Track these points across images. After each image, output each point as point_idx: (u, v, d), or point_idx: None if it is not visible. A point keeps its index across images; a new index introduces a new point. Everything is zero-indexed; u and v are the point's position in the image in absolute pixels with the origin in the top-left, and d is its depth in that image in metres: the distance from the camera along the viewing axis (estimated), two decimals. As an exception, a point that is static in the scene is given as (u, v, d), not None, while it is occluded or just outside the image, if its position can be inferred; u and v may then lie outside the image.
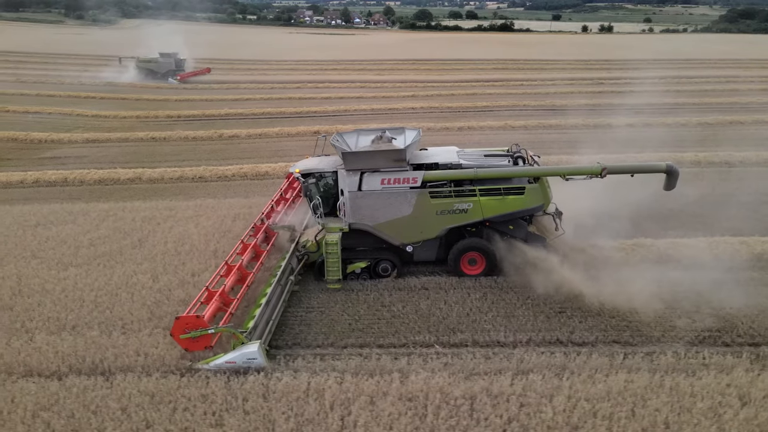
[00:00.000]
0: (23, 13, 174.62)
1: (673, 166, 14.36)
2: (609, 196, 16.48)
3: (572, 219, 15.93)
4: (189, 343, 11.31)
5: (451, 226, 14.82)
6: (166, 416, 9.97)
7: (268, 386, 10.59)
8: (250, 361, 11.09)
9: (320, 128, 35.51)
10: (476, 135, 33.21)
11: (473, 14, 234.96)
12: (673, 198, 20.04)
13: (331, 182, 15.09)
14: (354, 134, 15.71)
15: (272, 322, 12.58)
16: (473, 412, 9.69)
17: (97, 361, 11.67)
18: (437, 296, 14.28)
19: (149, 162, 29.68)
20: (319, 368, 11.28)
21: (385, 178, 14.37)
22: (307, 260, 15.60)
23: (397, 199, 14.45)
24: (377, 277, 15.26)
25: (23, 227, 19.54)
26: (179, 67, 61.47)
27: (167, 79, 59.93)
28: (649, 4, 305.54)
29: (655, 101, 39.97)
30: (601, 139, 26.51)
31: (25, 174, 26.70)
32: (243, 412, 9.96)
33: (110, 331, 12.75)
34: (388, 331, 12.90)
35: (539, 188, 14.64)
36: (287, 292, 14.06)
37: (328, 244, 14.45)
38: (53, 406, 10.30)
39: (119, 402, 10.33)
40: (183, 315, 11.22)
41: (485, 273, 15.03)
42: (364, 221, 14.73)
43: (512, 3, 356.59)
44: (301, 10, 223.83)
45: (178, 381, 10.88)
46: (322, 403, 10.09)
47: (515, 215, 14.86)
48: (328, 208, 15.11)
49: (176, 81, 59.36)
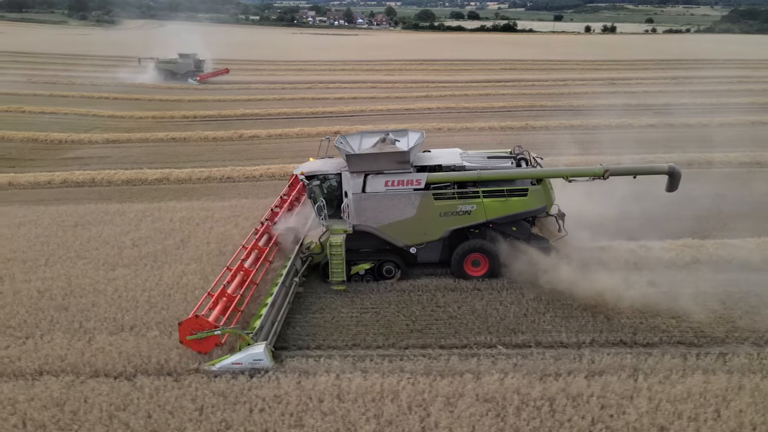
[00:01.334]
0: (26, 13, 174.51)
1: (675, 167, 14.47)
2: (653, 196, 16.49)
3: (616, 220, 15.91)
4: (195, 344, 11.37)
5: (455, 228, 14.84)
6: (243, 417, 9.95)
7: (341, 387, 10.56)
8: (256, 362, 11.14)
9: (340, 128, 35.59)
10: (498, 135, 33.19)
11: (475, 15, 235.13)
12: (716, 198, 20.31)
13: (335, 184, 15.15)
14: (357, 136, 15.73)
15: (277, 324, 12.63)
16: (554, 413, 9.68)
17: (162, 362, 11.63)
18: (491, 297, 14.25)
19: (173, 162, 29.64)
20: (388, 369, 11.25)
21: (388, 180, 14.39)
22: (311, 262, 15.62)
23: (401, 201, 14.46)
24: (381, 278, 15.29)
25: (62, 227, 19.51)
26: (198, 67, 61.36)
27: (187, 79, 59.77)
28: (650, 5, 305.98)
29: (674, 101, 40.13)
30: (631, 140, 26.59)
31: (52, 174, 26.65)
32: (321, 413, 9.94)
33: (170, 331, 12.69)
34: (448, 331, 12.88)
35: (542, 190, 14.70)
36: (292, 294, 14.10)
37: (333, 245, 14.50)
38: (128, 407, 10.28)
39: (194, 402, 10.31)
40: (188, 317, 11.29)
41: (488, 275, 15.06)
42: (368, 223, 14.73)
43: (513, 3, 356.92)
44: (304, 10, 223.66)
45: (248, 382, 10.86)
46: (399, 404, 10.07)
47: (518, 217, 14.89)
48: (332, 210, 15.14)
49: (196, 82, 59.20)
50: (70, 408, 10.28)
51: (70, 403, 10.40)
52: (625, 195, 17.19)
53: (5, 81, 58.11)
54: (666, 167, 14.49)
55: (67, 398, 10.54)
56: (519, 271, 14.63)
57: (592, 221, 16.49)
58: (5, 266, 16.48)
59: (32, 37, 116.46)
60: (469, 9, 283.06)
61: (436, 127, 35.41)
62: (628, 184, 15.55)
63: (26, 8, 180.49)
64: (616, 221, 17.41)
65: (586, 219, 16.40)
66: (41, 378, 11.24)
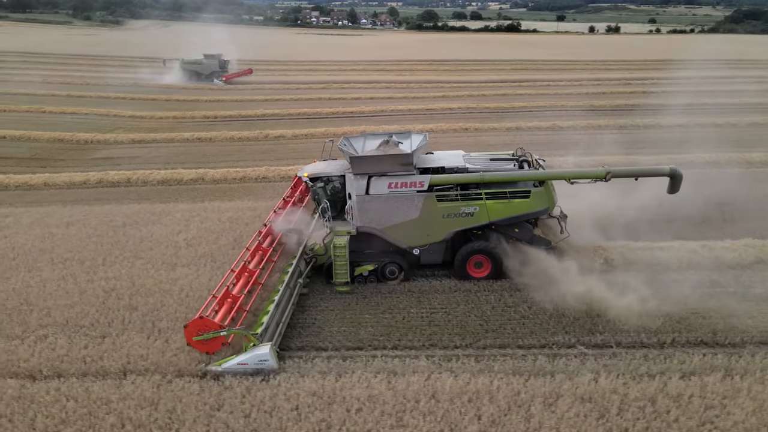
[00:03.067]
0: (30, 14, 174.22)
1: (677, 169, 14.59)
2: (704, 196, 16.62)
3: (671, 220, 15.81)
4: (202, 345, 11.41)
5: (458, 230, 14.88)
6: (342, 416, 9.95)
7: (435, 387, 10.56)
8: (261, 362, 11.16)
9: (365, 128, 35.62)
10: (526, 135, 33.13)
11: (478, 15, 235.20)
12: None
13: (338, 186, 15.23)
14: (361, 138, 15.82)
15: (282, 324, 12.67)
16: (659, 414, 9.67)
17: (246, 362, 11.60)
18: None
19: (204, 162, 29.63)
20: (476, 369, 11.25)
21: (392, 182, 14.46)
22: (315, 263, 15.62)
23: (405, 203, 14.52)
24: (385, 279, 15.31)
25: (111, 227, 19.50)
26: (223, 68, 61.25)
27: (212, 80, 59.69)
28: (651, 5, 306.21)
29: (696, 101, 40.13)
30: (662, 139, 26.53)
31: (86, 174, 26.62)
32: (420, 413, 9.93)
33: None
34: (523, 331, 12.87)
35: (545, 191, 14.77)
36: (296, 295, 14.12)
37: (336, 247, 14.52)
38: (223, 407, 10.26)
39: (289, 402, 10.30)
40: (195, 318, 11.33)
41: (491, 276, 15.10)
42: (371, 224, 14.79)
43: (514, 4, 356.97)
44: (307, 11, 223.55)
45: (337, 381, 10.86)
46: (498, 404, 10.07)
47: (521, 218, 14.95)
48: (335, 211, 15.20)
49: (222, 82, 59.12)
50: (165, 407, 10.28)
51: (164, 403, 10.40)
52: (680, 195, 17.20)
53: (21, 81, 58.07)
54: (667, 169, 14.64)
55: (159, 397, 10.54)
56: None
57: (650, 219, 16.53)
58: (64, 266, 16.47)
59: (39, 37, 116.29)
60: (470, 9, 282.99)
61: (463, 127, 35.42)
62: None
63: (30, 8, 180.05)
64: (671, 221, 17.45)
65: (643, 218, 16.45)
66: (127, 377, 11.22)
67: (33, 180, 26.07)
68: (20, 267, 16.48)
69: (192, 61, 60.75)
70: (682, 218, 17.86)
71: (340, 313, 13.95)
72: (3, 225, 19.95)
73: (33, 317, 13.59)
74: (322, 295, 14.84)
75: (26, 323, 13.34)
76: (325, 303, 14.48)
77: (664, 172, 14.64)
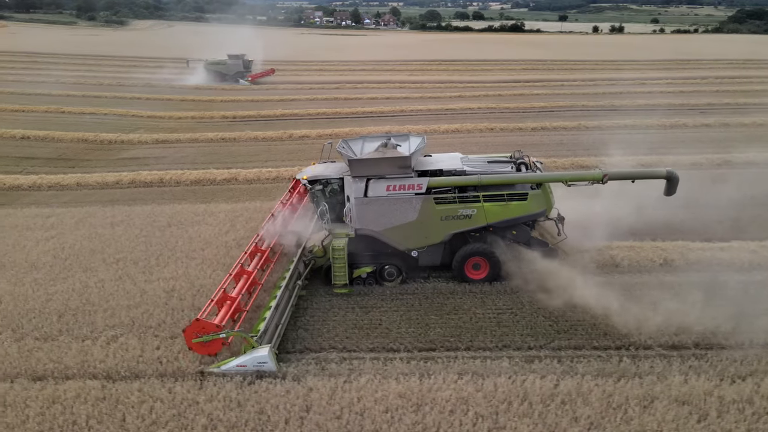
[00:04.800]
0: (35, 14, 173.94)
1: (673, 172, 14.55)
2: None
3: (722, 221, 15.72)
4: (201, 347, 11.34)
5: (456, 232, 14.83)
6: (437, 418, 9.90)
7: (525, 389, 10.49)
8: (260, 364, 11.13)
9: (390, 128, 35.52)
10: (553, 135, 33.14)
11: (480, 15, 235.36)
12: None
13: (337, 188, 15.17)
14: (359, 141, 15.83)
15: (281, 327, 12.59)
16: (759, 416, 9.57)
17: (322, 362, 11.55)
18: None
19: (233, 162, 29.52)
20: (560, 370, 11.17)
21: (390, 185, 14.44)
22: (314, 265, 15.58)
23: (403, 205, 14.50)
24: (383, 281, 15.26)
25: (157, 228, 19.42)
26: (247, 68, 61.21)
27: (237, 80, 59.69)
28: (653, 5, 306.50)
29: (716, 101, 40.11)
30: (691, 139, 26.49)
31: (119, 174, 26.54)
32: (516, 415, 9.83)
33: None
34: (596, 333, 12.76)
35: (542, 194, 14.77)
36: (295, 297, 14.06)
37: (335, 249, 14.50)
38: (312, 408, 10.19)
39: (379, 404, 10.20)
40: (194, 320, 11.25)
41: (489, 278, 15.07)
42: (370, 227, 14.76)
43: (516, 4, 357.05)
44: (310, 11, 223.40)
45: (422, 383, 10.77)
46: (592, 406, 9.97)
47: (518, 221, 14.95)
48: (334, 214, 15.16)
49: (247, 82, 59.23)
50: (254, 408, 10.18)
51: (251, 404, 10.29)
52: (732, 196, 17.29)
53: (34, 82, 58.06)
54: (664, 172, 14.61)
55: (245, 399, 10.44)
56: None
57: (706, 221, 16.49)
58: (118, 266, 16.37)
59: (45, 37, 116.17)
60: (471, 9, 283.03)
61: (488, 127, 35.32)
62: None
63: (33, 8, 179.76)
64: (723, 221, 17.42)
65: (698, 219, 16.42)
66: (206, 378, 11.11)
67: (65, 180, 25.97)
68: (74, 267, 16.38)
69: (216, 62, 60.74)
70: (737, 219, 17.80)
71: (405, 314, 13.83)
72: (48, 225, 19.84)
73: (98, 318, 13.50)
74: (383, 296, 14.73)
75: (93, 324, 13.26)
76: (387, 304, 14.39)
77: (661, 175, 14.63)
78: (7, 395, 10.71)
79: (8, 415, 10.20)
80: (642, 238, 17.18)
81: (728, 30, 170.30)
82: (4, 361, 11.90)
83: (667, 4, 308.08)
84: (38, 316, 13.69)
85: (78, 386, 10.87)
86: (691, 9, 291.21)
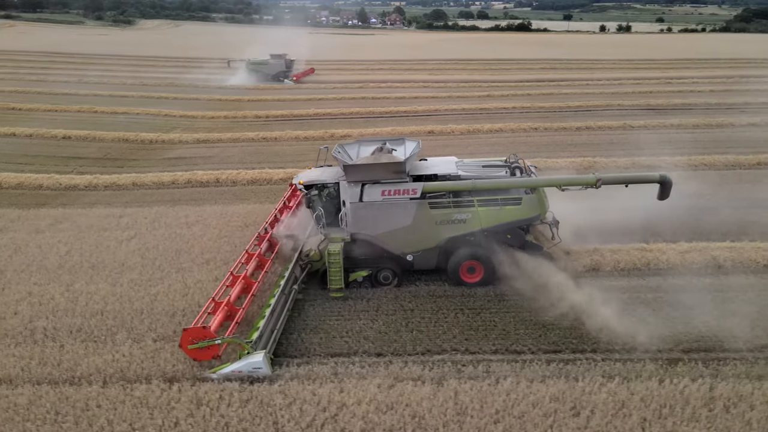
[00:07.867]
0: (42, 13, 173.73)
1: (667, 176, 14.56)
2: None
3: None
4: (197, 353, 11.29)
5: (450, 236, 14.86)
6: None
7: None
8: (255, 370, 11.14)
9: (433, 128, 35.44)
10: (599, 135, 32.94)
11: (484, 14, 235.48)
12: None
13: (333, 193, 15.21)
14: (355, 145, 15.92)
15: (276, 332, 12.54)
16: None
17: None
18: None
19: (282, 162, 29.34)
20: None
21: (385, 190, 14.47)
22: (310, 269, 15.59)
23: (398, 210, 14.54)
24: (378, 285, 15.28)
25: (236, 228, 19.40)
26: (289, 68, 61.33)
27: (280, 80, 59.83)
28: (657, 4, 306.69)
29: (753, 100, 39.99)
30: (740, 138, 26.34)
31: (173, 174, 26.38)
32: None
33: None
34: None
35: (536, 198, 14.79)
36: (291, 301, 14.02)
37: (331, 254, 14.50)
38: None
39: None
40: (190, 327, 11.23)
41: (483, 281, 15.09)
42: (365, 231, 14.81)
43: (519, 3, 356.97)
44: (314, 10, 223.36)
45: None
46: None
47: (513, 225, 14.96)
48: (330, 218, 15.18)
49: (292, 82, 59.46)
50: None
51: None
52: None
53: (56, 81, 57.99)
54: (657, 176, 14.61)
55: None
56: None
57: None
58: (208, 267, 16.27)
59: (56, 37, 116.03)
60: (473, 8, 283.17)
61: (532, 127, 35.14)
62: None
63: (41, 8, 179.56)
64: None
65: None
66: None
67: (121, 180, 25.84)
68: (166, 267, 16.29)
69: (258, 62, 60.85)
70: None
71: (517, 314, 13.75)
72: (123, 225, 19.75)
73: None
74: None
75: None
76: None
77: (654, 179, 14.62)
78: (149, 397, 10.60)
79: (156, 417, 10.08)
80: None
81: (735, 29, 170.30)
82: (132, 362, 11.79)
83: (671, 3, 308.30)
84: (149, 317, 13.60)
85: (219, 387, 10.78)
86: (695, 8, 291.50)
